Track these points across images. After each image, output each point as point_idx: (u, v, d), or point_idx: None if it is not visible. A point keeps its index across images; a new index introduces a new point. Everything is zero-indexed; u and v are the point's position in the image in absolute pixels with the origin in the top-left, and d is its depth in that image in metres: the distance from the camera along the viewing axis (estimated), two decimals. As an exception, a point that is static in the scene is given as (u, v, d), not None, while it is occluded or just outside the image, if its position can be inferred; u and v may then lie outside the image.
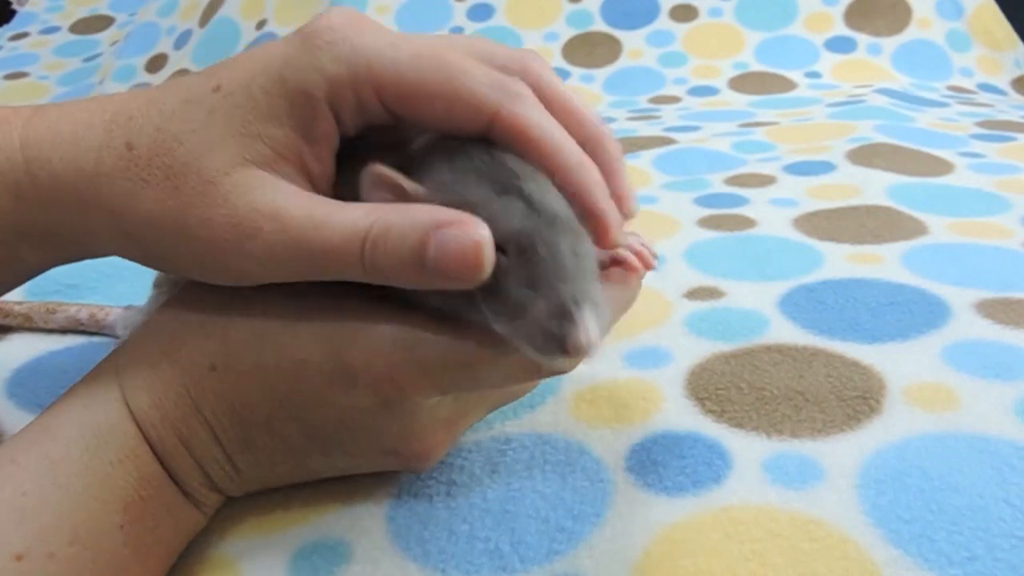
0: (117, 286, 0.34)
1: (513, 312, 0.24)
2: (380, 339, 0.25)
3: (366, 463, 0.29)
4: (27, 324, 0.43)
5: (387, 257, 0.24)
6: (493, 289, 0.24)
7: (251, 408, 0.26)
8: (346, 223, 0.24)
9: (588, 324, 0.23)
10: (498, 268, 0.24)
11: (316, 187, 0.26)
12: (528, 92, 0.26)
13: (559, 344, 0.23)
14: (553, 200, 0.25)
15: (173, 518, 0.27)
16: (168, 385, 0.26)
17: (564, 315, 0.23)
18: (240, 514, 0.29)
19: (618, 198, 0.26)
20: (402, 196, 0.25)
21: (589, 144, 0.26)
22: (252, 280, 0.26)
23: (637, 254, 0.27)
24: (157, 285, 0.32)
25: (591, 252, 0.25)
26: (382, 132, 0.27)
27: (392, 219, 0.24)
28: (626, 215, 0.26)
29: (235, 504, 0.29)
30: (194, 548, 0.28)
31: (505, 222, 0.24)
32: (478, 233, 0.23)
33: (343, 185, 0.27)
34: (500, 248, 0.24)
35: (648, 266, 0.28)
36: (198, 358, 0.26)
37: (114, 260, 0.29)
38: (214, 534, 0.28)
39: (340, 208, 0.25)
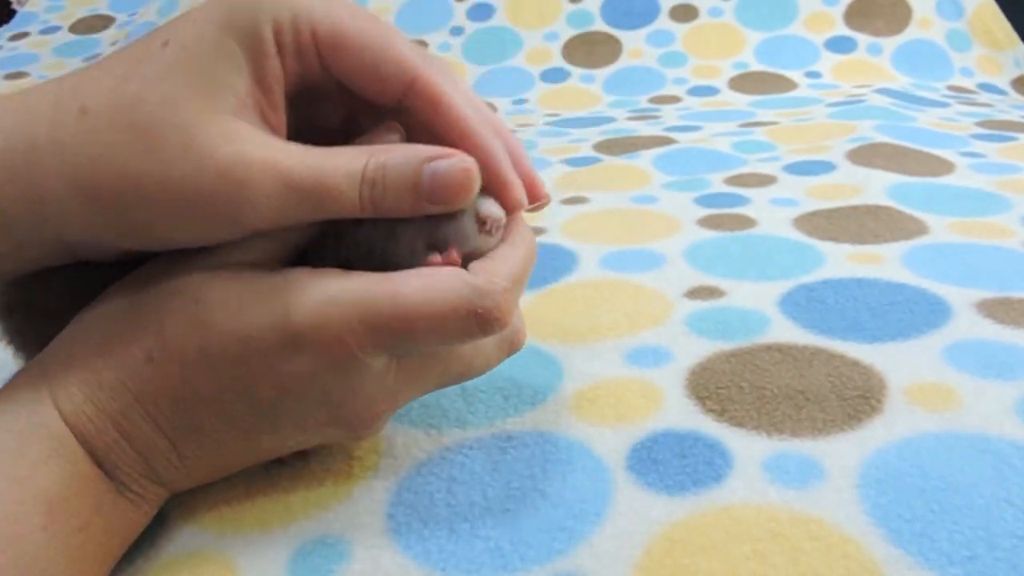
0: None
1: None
2: (325, 300, 0.26)
3: (314, 435, 0.28)
4: None
5: (386, 192, 0.26)
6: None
7: (197, 394, 0.26)
8: (341, 165, 0.26)
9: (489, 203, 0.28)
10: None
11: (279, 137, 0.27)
12: (447, 68, 0.29)
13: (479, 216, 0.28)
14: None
15: (103, 517, 0.26)
16: (103, 380, 0.26)
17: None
18: (239, 512, 0.29)
19: (530, 183, 0.29)
20: None
21: (499, 134, 0.29)
22: (244, 230, 0.26)
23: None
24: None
25: None
26: None
27: (384, 158, 0.26)
28: (540, 199, 0.30)
29: (233, 502, 0.29)
30: (192, 546, 0.28)
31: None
32: (466, 160, 0.26)
33: None
34: None
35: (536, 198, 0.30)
36: (134, 351, 0.26)
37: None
38: (212, 531, 0.28)
39: (328, 152, 0.26)
